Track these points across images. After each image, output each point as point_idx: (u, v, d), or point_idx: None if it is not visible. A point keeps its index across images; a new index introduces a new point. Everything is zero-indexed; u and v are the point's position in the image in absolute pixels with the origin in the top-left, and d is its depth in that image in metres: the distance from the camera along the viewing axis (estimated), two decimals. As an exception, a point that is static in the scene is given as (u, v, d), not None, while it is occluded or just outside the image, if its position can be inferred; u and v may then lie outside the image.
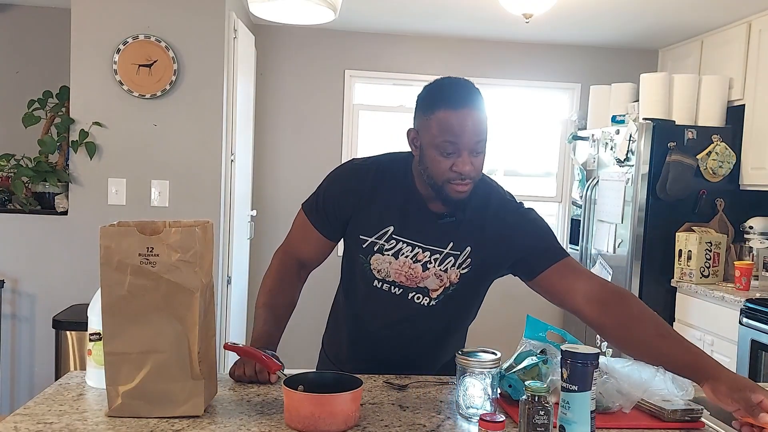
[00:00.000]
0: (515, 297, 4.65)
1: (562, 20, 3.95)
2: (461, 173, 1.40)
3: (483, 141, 1.42)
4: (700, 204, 3.66)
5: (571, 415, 1.15)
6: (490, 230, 1.51)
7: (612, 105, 4.19)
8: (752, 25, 3.64)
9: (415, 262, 1.51)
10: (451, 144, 1.39)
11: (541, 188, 4.80)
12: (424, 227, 1.51)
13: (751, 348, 3.02)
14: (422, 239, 1.50)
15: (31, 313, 3.34)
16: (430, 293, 1.53)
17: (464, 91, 1.42)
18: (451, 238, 1.50)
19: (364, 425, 1.23)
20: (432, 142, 1.41)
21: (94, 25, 3.25)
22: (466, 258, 1.51)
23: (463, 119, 1.38)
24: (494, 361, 1.30)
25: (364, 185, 1.53)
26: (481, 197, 1.52)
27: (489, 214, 1.52)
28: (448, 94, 1.42)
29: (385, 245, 1.51)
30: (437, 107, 1.41)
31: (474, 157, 1.41)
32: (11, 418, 1.19)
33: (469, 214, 1.51)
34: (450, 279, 1.52)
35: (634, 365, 1.38)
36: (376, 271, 1.53)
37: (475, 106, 1.40)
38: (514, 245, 1.51)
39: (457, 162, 1.40)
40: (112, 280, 1.21)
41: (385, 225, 1.51)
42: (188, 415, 1.23)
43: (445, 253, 1.51)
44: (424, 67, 4.56)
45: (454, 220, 1.50)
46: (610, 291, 1.47)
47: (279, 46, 4.42)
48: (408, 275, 1.51)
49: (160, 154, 3.31)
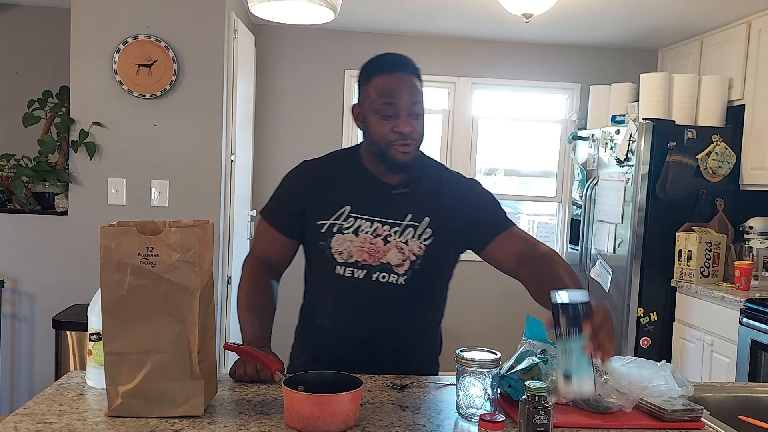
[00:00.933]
0: (515, 297, 4.65)
1: (561, 20, 3.95)
2: (402, 133, 1.48)
3: (420, 103, 1.51)
4: (700, 204, 3.66)
5: (575, 362, 1.14)
6: (445, 201, 1.58)
7: (612, 105, 4.19)
8: (752, 25, 3.64)
9: (375, 236, 1.54)
10: (389, 105, 1.48)
11: (541, 188, 4.80)
12: (380, 201, 1.56)
13: (751, 348, 3.02)
14: (380, 213, 1.55)
15: (31, 312, 3.34)
16: (394, 269, 1.53)
17: (397, 58, 1.54)
18: (409, 210, 1.55)
19: (364, 425, 1.23)
20: (372, 108, 1.50)
21: (94, 24, 3.25)
22: (426, 228, 1.55)
23: (397, 81, 1.49)
24: (494, 361, 1.30)
25: (314, 177, 1.61)
26: (432, 170, 1.63)
27: (442, 185, 1.61)
28: (382, 61, 1.54)
29: (344, 224, 1.54)
30: (373, 75, 1.51)
31: (414, 120, 1.49)
32: (11, 418, 1.19)
33: (423, 186, 1.58)
34: (412, 251, 1.54)
35: (634, 364, 1.38)
36: (338, 253, 1.54)
37: (408, 70, 1.52)
38: (467, 216, 1.58)
39: (397, 123, 1.48)
40: (112, 280, 1.21)
41: (341, 205, 1.55)
42: (188, 415, 1.23)
43: (404, 225, 1.55)
44: (424, 67, 4.51)
45: (408, 191, 1.56)
46: (538, 253, 1.55)
47: (279, 46, 4.42)
48: (370, 251, 1.53)
49: (160, 154, 3.31)
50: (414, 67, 1.54)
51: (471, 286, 4.53)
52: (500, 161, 4.81)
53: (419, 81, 1.53)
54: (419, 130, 1.51)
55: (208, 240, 1.30)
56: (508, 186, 4.82)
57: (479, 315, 4.56)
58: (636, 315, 3.69)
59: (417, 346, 1.65)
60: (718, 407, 1.46)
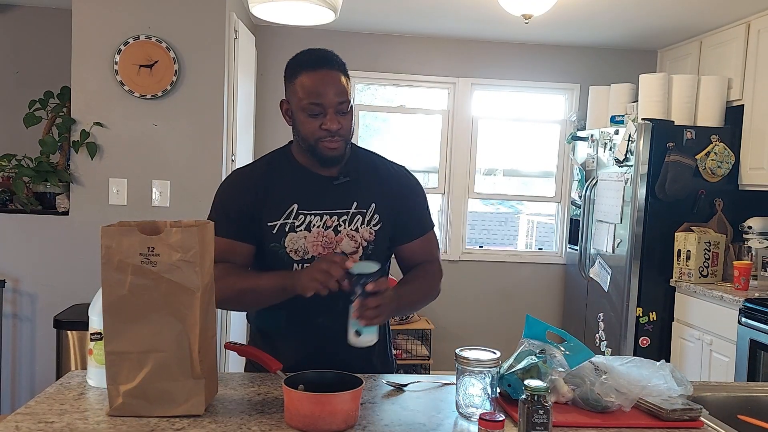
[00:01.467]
0: (515, 297, 4.67)
1: (561, 21, 3.95)
2: (329, 130, 1.49)
3: (346, 101, 1.51)
4: (699, 204, 3.67)
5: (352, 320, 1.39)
6: (387, 186, 1.62)
7: (611, 105, 4.20)
8: (751, 25, 3.65)
9: (326, 229, 1.55)
10: (316, 105, 1.49)
11: (540, 188, 4.80)
12: (324, 194, 1.57)
13: (750, 348, 3.03)
14: (326, 205, 1.56)
15: (32, 312, 3.34)
16: (349, 257, 1.52)
17: (322, 54, 1.54)
18: (354, 198, 1.58)
19: (364, 424, 1.24)
20: (299, 106, 1.51)
21: (95, 25, 3.25)
22: (373, 214, 1.59)
23: (323, 79, 1.49)
24: (493, 360, 1.31)
25: (251, 182, 1.60)
26: (367, 158, 1.66)
27: (382, 172, 1.64)
28: (307, 58, 1.53)
29: (295, 222, 1.55)
30: (299, 72, 1.51)
31: (341, 116, 1.51)
32: (12, 418, 1.20)
33: (363, 174, 1.60)
34: (364, 237, 1.57)
35: (633, 363, 1.39)
36: (293, 252, 1.54)
37: (333, 67, 1.52)
38: (405, 206, 1.63)
39: (325, 121, 1.49)
40: (113, 279, 1.21)
41: (289, 204, 1.56)
42: (189, 414, 1.24)
43: (351, 213, 1.57)
44: (424, 68, 4.57)
45: (348, 180, 1.59)
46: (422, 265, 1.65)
47: (279, 47, 4.42)
48: (324, 244, 1.55)
49: (161, 154, 3.32)
50: (339, 63, 1.54)
51: (471, 286, 4.53)
52: (500, 161, 4.81)
53: (345, 77, 1.54)
54: (347, 126, 1.53)
55: (209, 240, 1.30)
56: (507, 186, 4.83)
57: (479, 315, 4.57)
58: (635, 315, 3.70)
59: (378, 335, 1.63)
60: (717, 407, 1.46)
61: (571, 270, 4.55)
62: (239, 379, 1.49)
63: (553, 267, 4.72)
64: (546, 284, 4.71)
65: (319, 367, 1.36)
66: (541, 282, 4.70)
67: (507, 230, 4.95)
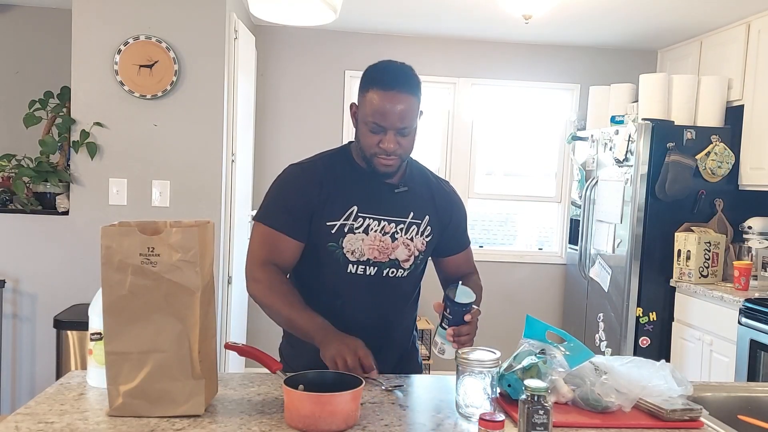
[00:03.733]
0: (515, 297, 4.67)
1: (561, 21, 3.95)
2: (386, 150, 1.52)
3: (409, 126, 1.53)
4: (699, 204, 3.67)
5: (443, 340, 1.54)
6: (438, 200, 1.67)
7: (611, 105, 4.20)
8: (751, 25, 3.65)
9: (383, 234, 1.58)
10: (377, 125, 1.51)
11: (540, 188, 4.80)
12: (384, 200, 1.60)
13: (750, 348, 3.03)
14: (385, 212, 1.59)
15: (32, 312, 3.34)
16: (401, 264, 1.60)
17: (396, 75, 1.53)
18: (411, 208, 1.62)
19: (364, 424, 1.24)
20: (364, 119, 1.54)
21: (95, 25, 3.25)
22: (426, 226, 1.63)
23: (391, 102, 1.49)
24: (494, 360, 1.31)
25: (315, 179, 1.60)
26: (420, 172, 1.70)
27: (433, 186, 1.70)
28: (381, 75, 1.53)
29: (354, 224, 1.57)
30: (370, 86, 1.53)
31: (401, 137, 1.53)
32: (12, 418, 1.20)
33: (418, 186, 1.65)
34: (417, 247, 1.62)
35: (633, 363, 1.39)
36: (350, 253, 1.57)
37: (405, 89, 1.51)
38: (451, 220, 1.70)
39: (383, 139, 1.52)
40: (113, 279, 1.21)
41: (349, 206, 1.58)
42: (189, 414, 1.24)
43: (408, 222, 1.61)
44: (424, 67, 4.56)
45: (407, 189, 1.62)
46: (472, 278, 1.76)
47: (279, 47, 4.43)
48: (380, 248, 1.58)
49: (160, 154, 3.32)
50: (412, 84, 1.53)
51: (471, 286, 4.53)
52: (500, 161, 4.81)
53: (416, 97, 1.53)
54: (406, 146, 1.55)
55: (209, 240, 1.30)
56: (507, 186, 4.82)
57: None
58: (635, 315, 3.70)
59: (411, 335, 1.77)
60: (717, 407, 1.46)
61: (571, 270, 4.55)
62: (239, 379, 1.49)
63: (553, 267, 4.72)
64: (546, 284, 4.71)
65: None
66: (541, 282, 4.70)
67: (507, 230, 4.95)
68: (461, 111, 4.61)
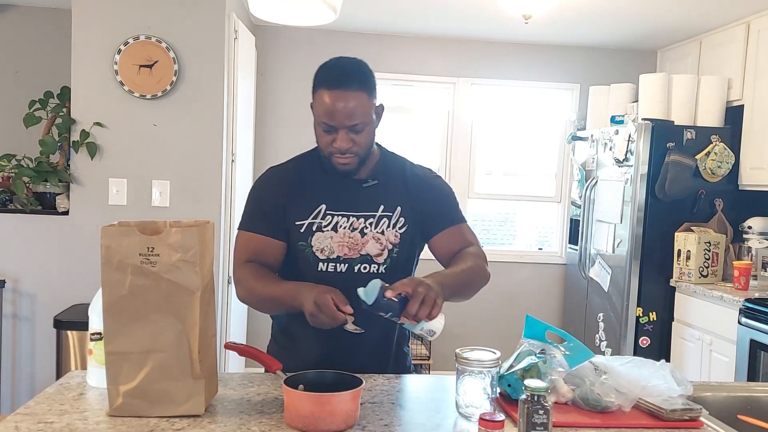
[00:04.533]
0: (515, 297, 4.67)
1: (561, 21, 3.95)
2: (339, 149, 1.51)
3: (361, 123, 1.51)
4: (699, 204, 3.67)
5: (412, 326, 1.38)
6: (412, 189, 1.64)
7: (611, 105, 4.20)
8: (751, 25, 3.65)
9: (353, 230, 1.58)
10: (327, 124, 1.51)
11: (540, 188, 4.80)
12: (352, 196, 1.60)
13: (750, 348, 3.02)
14: (354, 207, 1.59)
15: (32, 312, 3.34)
16: (374, 259, 1.58)
17: (342, 72, 1.52)
18: (381, 201, 1.60)
19: (364, 424, 1.24)
20: (317, 119, 1.55)
21: (95, 25, 3.25)
22: (399, 217, 1.61)
23: (336, 100, 1.48)
24: (494, 360, 1.31)
25: (285, 180, 1.63)
26: (396, 162, 1.68)
27: (407, 175, 1.66)
28: (327, 74, 1.53)
29: (323, 222, 1.58)
30: (318, 86, 1.53)
31: (354, 134, 1.51)
32: (12, 418, 1.20)
33: (390, 177, 1.63)
34: (389, 240, 1.59)
35: (633, 363, 1.39)
36: (319, 251, 1.57)
37: (352, 87, 1.49)
38: (429, 203, 1.64)
39: (336, 138, 1.51)
40: (113, 279, 1.21)
41: (317, 204, 1.59)
42: (189, 414, 1.24)
43: (378, 215, 1.60)
44: (424, 67, 4.57)
45: (377, 183, 1.61)
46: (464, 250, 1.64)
47: (279, 47, 4.42)
48: (350, 245, 1.57)
49: (160, 154, 3.32)
50: (361, 79, 1.51)
51: (471, 286, 4.52)
52: (500, 161, 4.81)
53: (366, 92, 1.50)
54: (361, 142, 1.53)
55: (209, 240, 1.30)
56: (507, 186, 4.82)
57: (479, 315, 4.56)
58: (635, 315, 3.70)
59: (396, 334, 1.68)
60: (717, 407, 1.46)
61: (571, 270, 4.55)
62: (239, 379, 1.49)
63: (553, 267, 4.72)
64: (546, 284, 4.71)
65: (337, 367, 1.37)
66: (541, 282, 4.70)
67: (507, 230, 4.95)
68: (461, 111, 4.61)
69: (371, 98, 1.53)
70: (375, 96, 1.55)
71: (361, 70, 1.53)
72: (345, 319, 1.35)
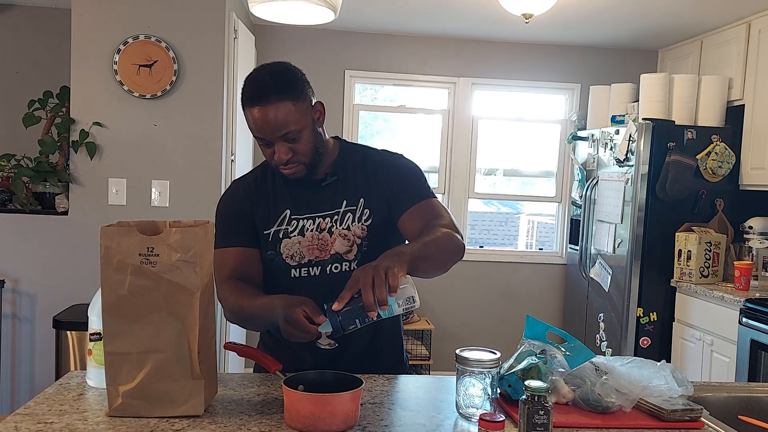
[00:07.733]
0: (515, 297, 4.66)
1: (561, 20, 3.95)
2: (279, 162, 1.48)
3: (294, 131, 1.45)
4: (700, 204, 3.66)
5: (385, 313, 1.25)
6: (372, 176, 1.59)
7: (612, 105, 4.20)
8: (751, 25, 3.65)
9: (320, 231, 1.55)
10: (260, 138, 1.47)
11: (541, 188, 4.80)
12: (313, 196, 1.57)
13: (750, 348, 3.02)
14: (317, 208, 1.57)
15: (32, 312, 3.34)
16: (344, 257, 1.54)
17: (259, 86, 1.45)
18: (343, 197, 1.57)
19: (364, 425, 1.23)
20: (253, 134, 1.50)
21: (95, 25, 3.25)
22: (363, 209, 1.57)
23: (261, 115, 1.43)
24: (494, 360, 1.30)
25: (246, 191, 1.61)
26: (356, 153, 1.63)
27: (367, 164, 1.61)
28: (246, 90, 1.47)
29: (288, 228, 1.56)
30: (243, 104, 1.47)
31: (292, 143, 1.47)
32: (12, 418, 1.20)
33: (350, 170, 1.59)
34: (356, 234, 1.55)
35: (634, 364, 1.38)
36: (289, 257, 1.55)
37: (271, 99, 1.42)
38: (391, 184, 1.58)
39: (274, 151, 1.48)
40: (113, 280, 1.21)
41: (281, 211, 1.57)
42: (188, 414, 1.23)
43: (342, 211, 1.56)
44: (424, 67, 4.57)
45: (336, 179, 1.58)
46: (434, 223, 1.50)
47: (279, 47, 4.42)
48: (319, 246, 1.55)
49: (160, 154, 3.32)
50: (281, 87, 1.43)
51: (471, 286, 4.53)
52: (500, 161, 4.81)
53: (291, 99, 1.43)
54: (302, 149, 1.47)
55: (209, 240, 1.30)
56: (508, 186, 4.82)
57: (479, 315, 4.56)
58: (636, 315, 3.69)
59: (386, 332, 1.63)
60: (717, 407, 1.46)
61: (571, 270, 4.55)
62: (239, 379, 1.49)
63: (554, 267, 4.72)
64: (546, 284, 4.71)
65: (331, 368, 1.35)
66: (541, 282, 4.70)
67: (507, 230, 4.95)
68: (461, 111, 4.61)
69: (300, 102, 1.45)
70: (307, 96, 1.48)
71: (280, 79, 1.45)
72: (317, 332, 1.28)
